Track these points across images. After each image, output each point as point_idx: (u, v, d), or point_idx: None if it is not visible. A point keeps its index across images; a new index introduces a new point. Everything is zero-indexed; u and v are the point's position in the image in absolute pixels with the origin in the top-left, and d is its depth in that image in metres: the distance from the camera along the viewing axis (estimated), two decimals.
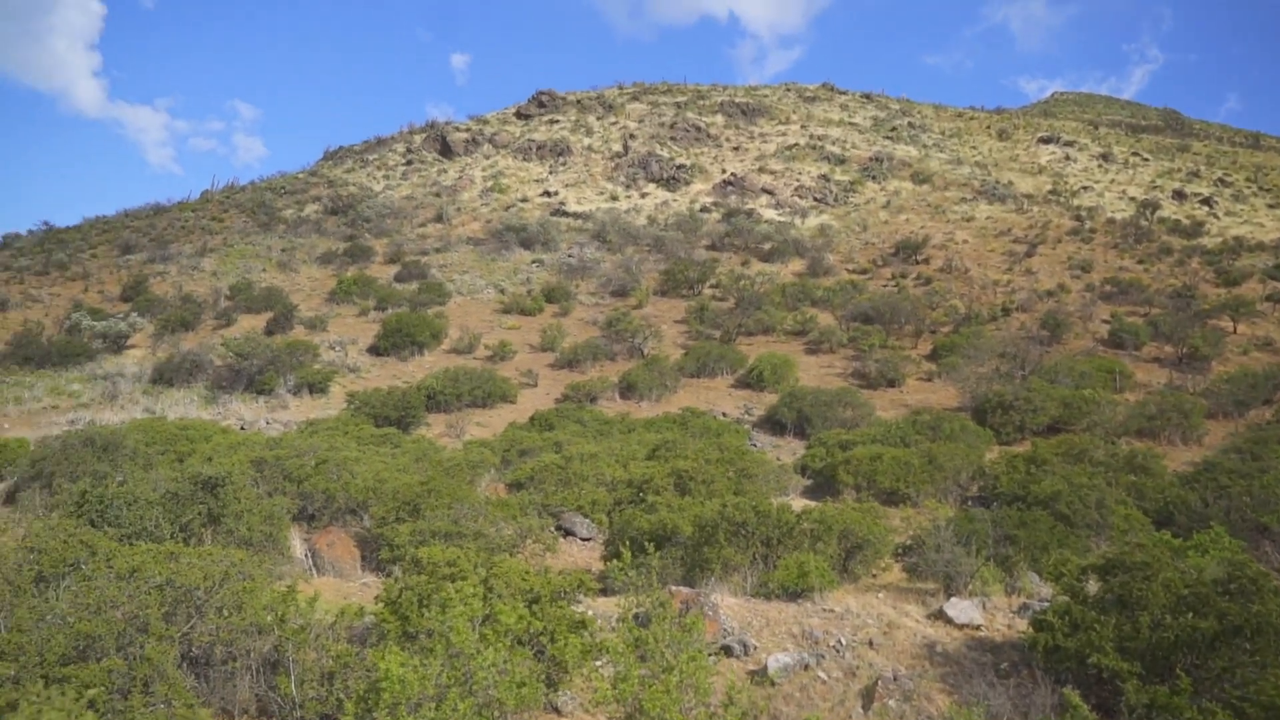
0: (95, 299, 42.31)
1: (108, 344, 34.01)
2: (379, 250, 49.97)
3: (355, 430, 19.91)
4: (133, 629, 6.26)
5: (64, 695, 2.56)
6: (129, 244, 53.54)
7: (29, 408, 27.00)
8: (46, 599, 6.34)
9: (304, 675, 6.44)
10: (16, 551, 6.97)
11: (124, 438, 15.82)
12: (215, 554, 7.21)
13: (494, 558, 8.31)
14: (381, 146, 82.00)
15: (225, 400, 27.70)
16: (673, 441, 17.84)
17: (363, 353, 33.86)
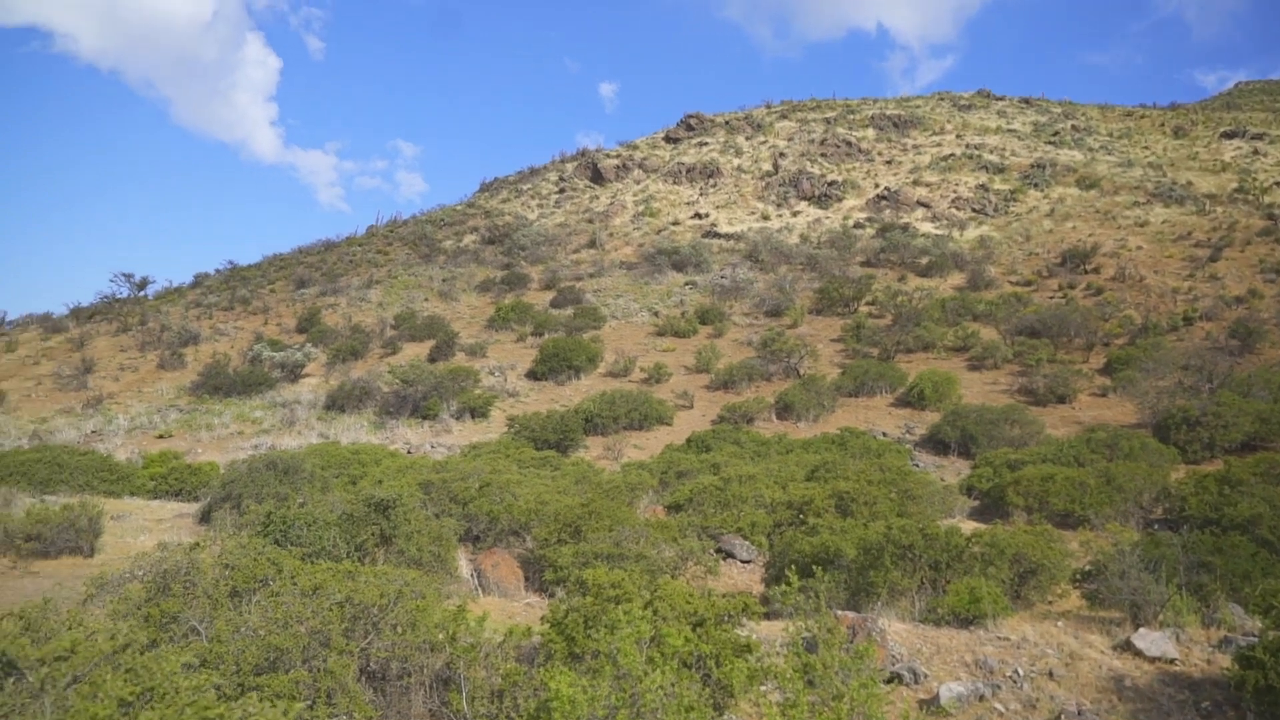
0: (274, 331, 45.07)
1: (286, 373, 36.12)
2: (535, 277, 51.31)
3: (516, 453, 20.39)
4: (316, 643, 6.53)
5: (274, 708, 2.70)
6: (303, 279, 56.84)
7: (219, 433, 28.92)
8: (240, 612, 6.69)
9: (475, 692, 6.56)
10: (214, 568, 7.41)
11: (302, 462, 16.69)
12: (390, 573, 7.46)
13: (657, 580, 8.30)
14: (535, 176, 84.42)
15: (392, 425, 28.90)
16: (832, 462, 17.48)
17: (521, 377, 34.73)
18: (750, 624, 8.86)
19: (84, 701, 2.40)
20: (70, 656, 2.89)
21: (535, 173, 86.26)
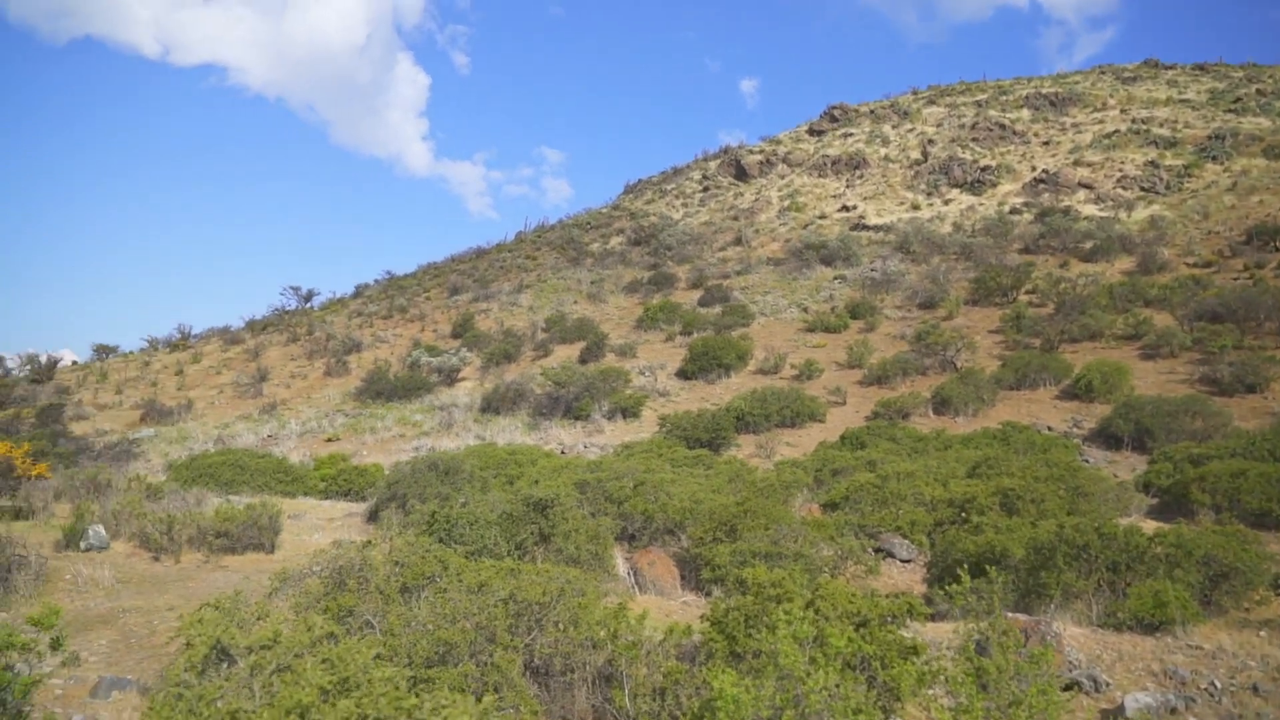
0: (431, 337, 46.80)
1: (443, 377, 37.44)
2: (681, 276, 51.49)
3: (668, 452, 20.49)
4: (482, 638, 6.71)
5: (462, 700, 2.80)
6: (456, 286, 58.83)
7: (381, 436, 30.23)
8: (410, 608, 6.95)
9: (637, 689, 6.60)
10: (385, 565, 7.73)
11: (462, 463, 17.23)
12: (551, 571, 7.59)
13: (817, 579, 8.16)
14: (678, 176, 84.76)
15: (546, 426, 29.53)
16: (994, 458, 16.81)
17: (671, 377, 34.90)
18: (915, 625, 8.61)
19: (288, 688, 2.52)
20: (274, 645, 3.05)
21: (678, 172, 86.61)
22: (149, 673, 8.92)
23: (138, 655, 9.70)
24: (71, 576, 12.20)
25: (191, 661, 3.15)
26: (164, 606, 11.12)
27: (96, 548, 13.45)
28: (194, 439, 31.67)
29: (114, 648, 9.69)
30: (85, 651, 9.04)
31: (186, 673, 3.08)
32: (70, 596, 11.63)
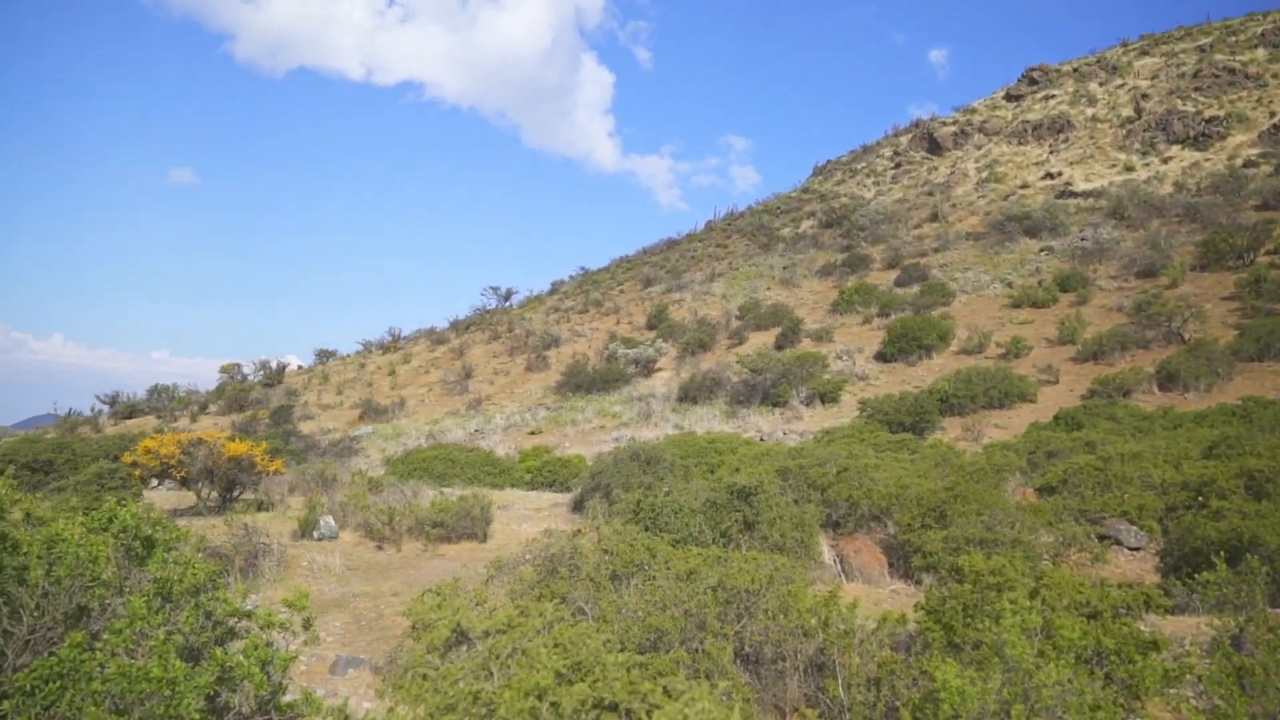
0: (626, 329, 47.55)
1: (639, 368, 37.96)
2: (876, 257, 50.09)
3: (870, 437, 19.94)
4: (692, 625, 6.69)
5: (701, 685, 2.78)
6: (649, 278, 59.52)
7: (582, 428, 30.97)
8: (621, 594, 7.01)
9: (851, 679, 6.40)
10: (594, 553, 7.83)
11: (662, 452, 17.35)
12: (758, 558, 7.48)
13: (1038, 567, 7.67)
14: (868, 154, 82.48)
15: (743, 413, 29.39)
16: (1235, 437, 15.35)
17: (869, 360, 34.00)
18: (1151, 618, 7.95)
19: (524, 671, 2.55)
20: (509, 630, 3.11)
21: (868, 150, 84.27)
22: (379, 653, 9.44)
23: (368, 637, 10.28)
24: (307, 563, 13.11)
25: (433, 644, 3.26)
26: (389, 592, 11.75)
27: (327, 537, 14.41)
28: (407, 435, 33.49)
29: (347, 629, 10.32)
30: (323, 632, 9.66)
31: (429, 654, 3.19)
32: (307, 581, 12.49)
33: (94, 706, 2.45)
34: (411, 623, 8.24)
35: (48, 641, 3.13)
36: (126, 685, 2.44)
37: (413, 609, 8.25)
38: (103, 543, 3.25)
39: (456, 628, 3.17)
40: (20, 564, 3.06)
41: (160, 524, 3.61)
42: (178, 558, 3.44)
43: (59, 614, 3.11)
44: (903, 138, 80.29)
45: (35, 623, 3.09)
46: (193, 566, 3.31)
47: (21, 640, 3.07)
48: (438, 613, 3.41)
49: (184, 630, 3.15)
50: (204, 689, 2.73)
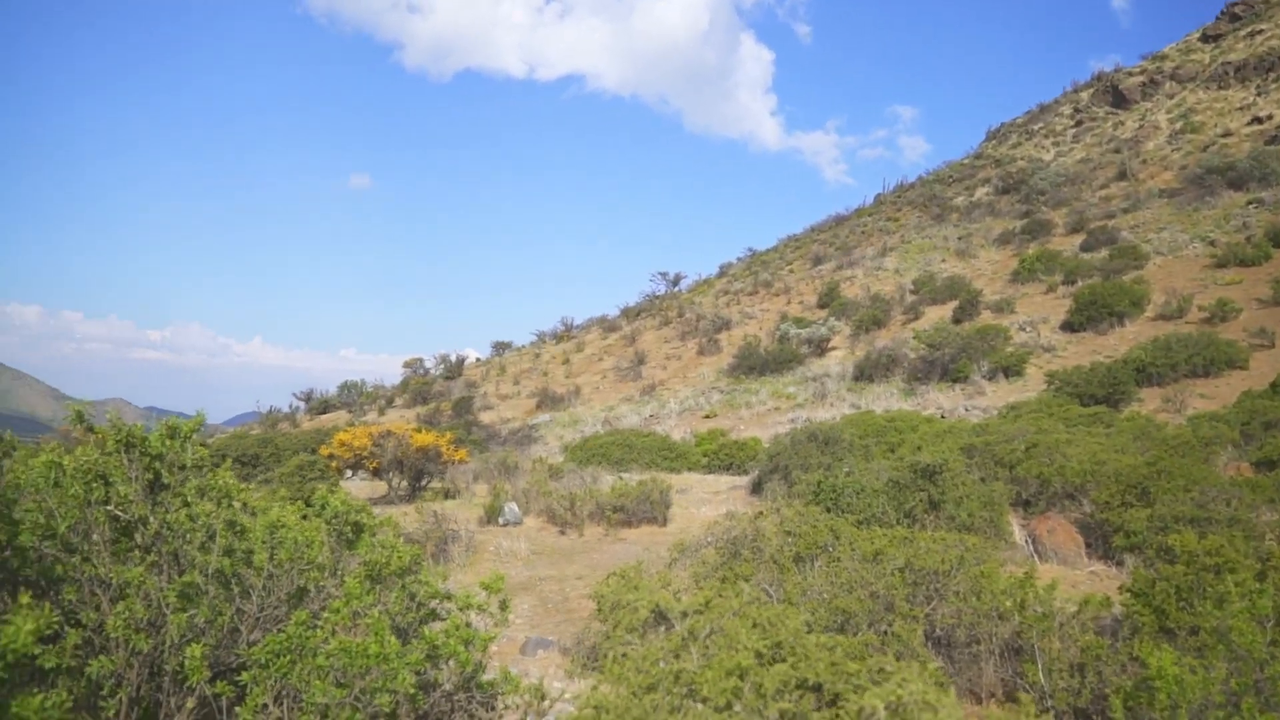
0: (797, 309, 46.97)
1: (812, 348, 37.43)
2: (1058, 222, 47.49)
3: (1060, 411, 18.95)
4: (880, 607, 6.54)
5: (910, 665, 2.72)
6: (818, 255, 58.56)
7: (756, 410, 30.82)
8: (805, 576, 6.92)
9: (1051, 664, 6.11)
10: (776, 535, 7.77)
11: (840, 432, 17.05)
12: (947, 538, 7.24)
13: (1263, 547, 7.09)
14: (1045, 114, 78.21)
15: (922, 390, 28.53)
16: None
17: (1055, 330, 32.31)
18: None
19: (725, 652, 2.55)
20: (707, 610, 3.12)
21: (1045, 110, 79.90)
22: (566, 635, 9.70)
23: (555, 619, 10.57)
24: (494, 549, 13.60)
25: (632, 624, 3.31)
26: (573, 575, 12.05)
27: (512, 523, 14.91)
28: (584, 422, 34.24)
29: (534, 611, 10.65)
30: (511, 614, 9.99)
31: (629, 634, 3.24)
32: (494, 566, 12.97)
33: (319, 680, 2.61)
34: (598, 605, 8.41)
35: (274, 619, 3.37)
36: (348, 660, 2.59)
37: (598, 592, 8.42)
38: (317, 528, 3.46)
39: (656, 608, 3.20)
40: (248, 548, 3.30)
41: (365, 511, 3.81)
42: (383, 541, 3.63)
43: (282, 594, 3.34)
44: (1083, 93, 75.67)
45: (263, 602, 3.32)
46: (399, 550, 3.48)
47: (253, 618, 3.31)
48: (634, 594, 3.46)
49: (393, 610, 3.32)
50: (415, 665, 2.87)
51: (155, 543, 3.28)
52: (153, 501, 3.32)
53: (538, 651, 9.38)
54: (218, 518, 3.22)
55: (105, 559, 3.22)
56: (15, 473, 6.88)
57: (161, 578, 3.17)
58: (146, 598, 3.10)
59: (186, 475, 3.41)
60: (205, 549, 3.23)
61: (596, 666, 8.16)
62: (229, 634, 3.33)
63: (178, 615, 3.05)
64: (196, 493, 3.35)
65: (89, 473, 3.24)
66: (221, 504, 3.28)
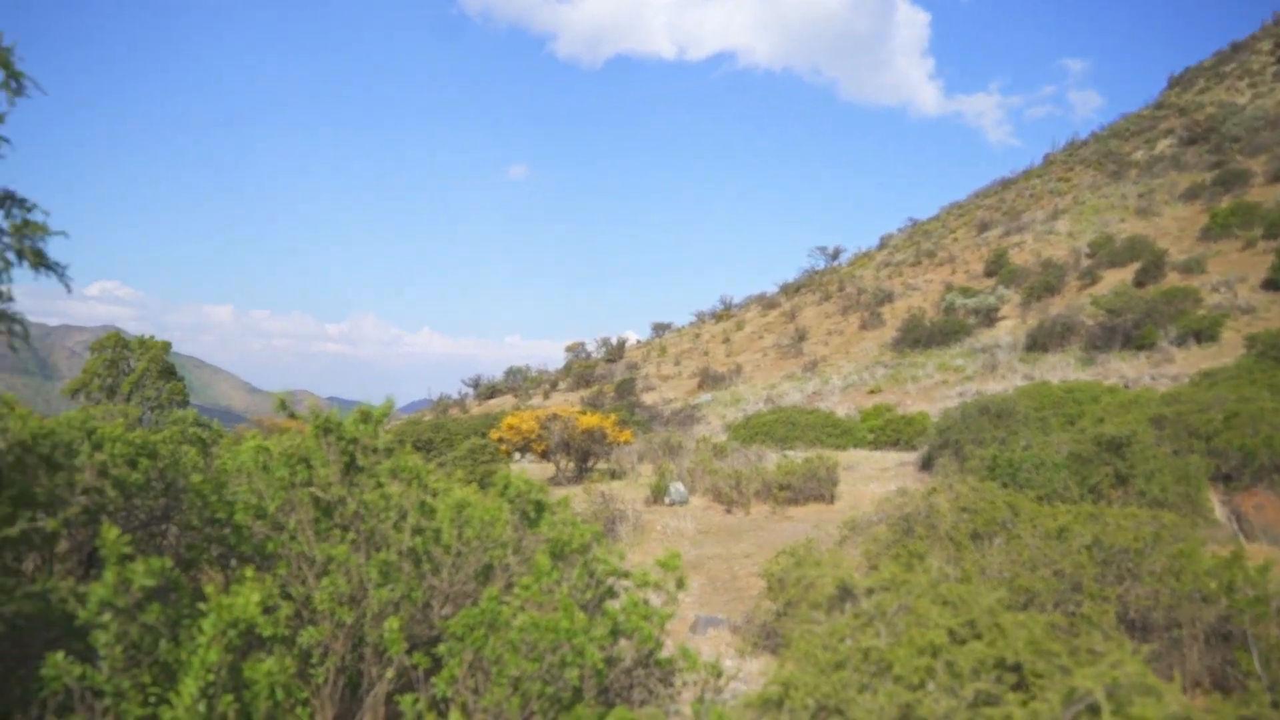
0: (962, 278, 45.29)
1: (980, 319, 36.03)
2: (1256, 171, 43.82)
3: (1263, 378, 17.53)
4: (1066, 586, 6.25)
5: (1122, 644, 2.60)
6: (984, 222, 56.21)
7: (923, 384, 29.95)
8: (983, 554, 6.69)
9: (1270, 653, 5.68)
10: (951, 511, 7.54)
11: (1014, 404, 16.36)
12: (1139, 515, 6.83)
13: None
14: (1239, 53, 72.22)
15: (1102, 359, 27.01)
16: None
17: (1255, 290, 29.91)
18: None
19: (915, 629, 2.49)
20: (894, 587, 3.07)
21: (1239, 49, 73.75)
22: (736, 613, 9.72)
23: (724, 597, 10.61)
24: (661, 528, 13.76)
25: (815, 601, 3.29)
26: (740, 554, 12.06)
27: (677, 502, 15.04)
28: (746, 401, 34.13)
29: (703, 590, 10.73)
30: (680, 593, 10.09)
31: (813, 610, 3.22)
32: (661, 545, 13.13)
33: (512, 653, 2.71)
34: (767, 583, 8.39)
35: (463, 595, 3.51)
36: (539, 635, 2.67)
37: (768, 570, 8.40)
38: (500, 508, 3.59)
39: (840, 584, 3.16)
40: (435, 527, 3.45)
41: (542, 490, 3.92)
42: (564, 519, 3.72)
43: (470, 571, 3.47)
44: None
45: (452, 578, 3.47)
46: (579, 529, 3.56)
47: (443, 594, 3.46)
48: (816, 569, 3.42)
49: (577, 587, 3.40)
50: (601, 641, 2.93)
51: (353, 522, 3.48)
52: (349, 483, 3.52)
53: (708, 630, 9.45)
54: (408, 498, 3.38)
55: (309, 537, 3.44)
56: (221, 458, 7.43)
57: (360, 555, 3.35)
58: (348, 574, 3.29)
59: (378, 458, 3.60)
60: (398, 528, 3.39)
61: (768, 645, 8.14)
62: (421, 608, 3.49)
63: (378, 590, 3.22)
64: (389, 474, 3.53)
65: (293, 456, 3.47)
66: (412, 485, 3.44)
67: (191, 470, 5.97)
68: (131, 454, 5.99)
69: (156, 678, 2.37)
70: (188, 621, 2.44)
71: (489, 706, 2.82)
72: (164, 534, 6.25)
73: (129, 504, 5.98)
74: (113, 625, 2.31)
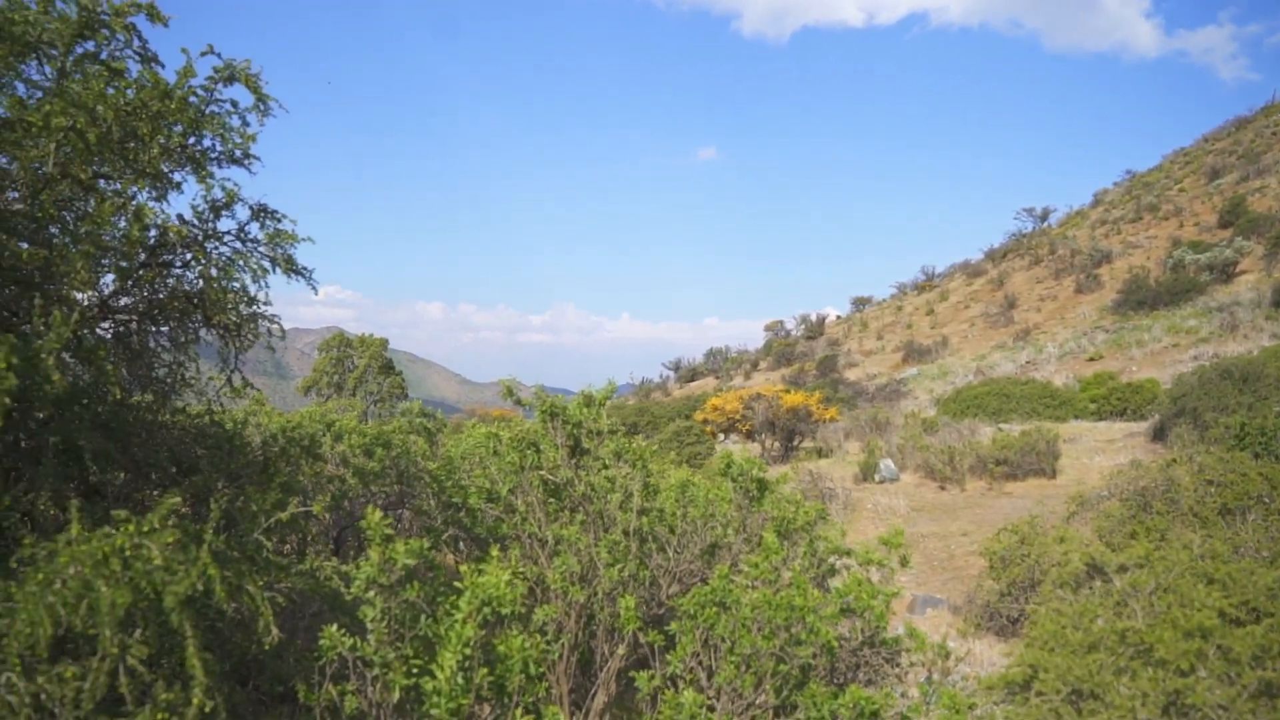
0: (1191, 232, 41.75)
1: (1215, 274, 33.14)
2: None
3: None
4: None
5: None
6: (1215, 168, 51.51)
7: (1149, 349, 27.89)
8: (1236, 531, 6.17)
9: None
10: (1194, 485, 6.99)
11: (1261, 366, 14.97)
12: None
13: None
14: None
15: None
16: None
17: None
18: None
19: (1177, 610, 2.32)
20: (1150, 564, 2.89)
21: None
22: (955, 593, 9.40)
23: (941, 576, 10.29)
24: (872, 506, 13.49)
25: (1063, 579, 3.14)
26: (957, 532, 11.66)
27: (888, 479, 14.68)
28: (954, 373, 32.88)
29: (919, 569, 10.43)
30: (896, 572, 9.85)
31: (1060, 589, 3.08)
32: (872, 523, 12.86)
33: (744, 630, 2.72)
34: (989, 562, 8.06)
35: (689, 573, 3.57)
36: (771, 612, 2.67)
37: (989, 548, 8.07)
38: (722, 487, 3.61)
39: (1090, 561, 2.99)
40: (660, 507, 3.51)
41: (764, 469, 3.91)
42: (787, 497, 3.71)
43: (695, 550, 3.52)
44: None
45: (678, 557, 3.52)
46: (804, 507, 3.53)
47: (669, 572, 3.52)
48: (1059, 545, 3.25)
49: (803, 564, 3.38)
50: (832, 619, 2.90)
51: (581, 503, 3.59)
52: (575, 465, 3.63)
53: (926, 610, 9.19)
54: (633, 480, 3.45)
55: (540, 518, 3.58)
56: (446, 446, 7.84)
57: (589, 535, 3.46)
58: (579, 553, 3.40)
59: (602, 440, 3.69)
60: (624, 508, 3.47)
61: (991, 626, 7.83)
62: (649, 587, 3.56)
63: (609, 569, 3.31)
64: (613, 456, 3.62)
65: (522, 441, 3.61)
66: (636, 466, 3.52)
67: (420, 458, 6.35)
68: (368, 444, 6.44)
69: (418, 650, 2.53)
70: (443, 598, 2.59)
71: (722, 684, 2.85)
72: (399, 518, 6.68)
73: (367, 490, 6.43)
74: (378, 601, 2.50)
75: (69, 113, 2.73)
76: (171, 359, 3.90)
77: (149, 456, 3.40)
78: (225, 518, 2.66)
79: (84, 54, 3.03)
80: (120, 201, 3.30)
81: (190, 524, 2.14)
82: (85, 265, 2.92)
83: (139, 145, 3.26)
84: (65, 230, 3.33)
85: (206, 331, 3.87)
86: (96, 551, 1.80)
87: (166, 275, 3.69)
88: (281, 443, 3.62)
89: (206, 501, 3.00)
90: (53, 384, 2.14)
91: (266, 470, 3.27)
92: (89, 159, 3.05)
